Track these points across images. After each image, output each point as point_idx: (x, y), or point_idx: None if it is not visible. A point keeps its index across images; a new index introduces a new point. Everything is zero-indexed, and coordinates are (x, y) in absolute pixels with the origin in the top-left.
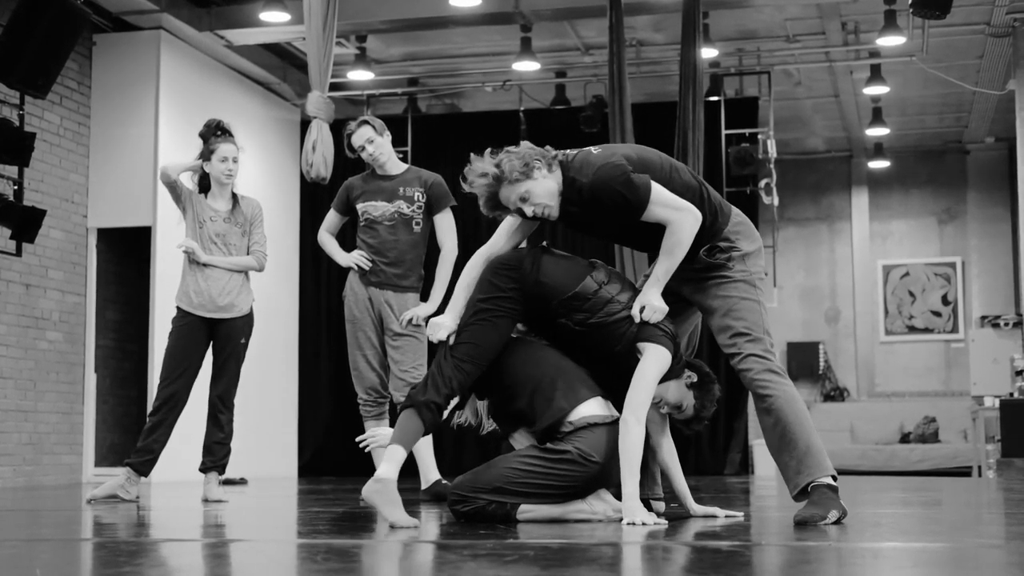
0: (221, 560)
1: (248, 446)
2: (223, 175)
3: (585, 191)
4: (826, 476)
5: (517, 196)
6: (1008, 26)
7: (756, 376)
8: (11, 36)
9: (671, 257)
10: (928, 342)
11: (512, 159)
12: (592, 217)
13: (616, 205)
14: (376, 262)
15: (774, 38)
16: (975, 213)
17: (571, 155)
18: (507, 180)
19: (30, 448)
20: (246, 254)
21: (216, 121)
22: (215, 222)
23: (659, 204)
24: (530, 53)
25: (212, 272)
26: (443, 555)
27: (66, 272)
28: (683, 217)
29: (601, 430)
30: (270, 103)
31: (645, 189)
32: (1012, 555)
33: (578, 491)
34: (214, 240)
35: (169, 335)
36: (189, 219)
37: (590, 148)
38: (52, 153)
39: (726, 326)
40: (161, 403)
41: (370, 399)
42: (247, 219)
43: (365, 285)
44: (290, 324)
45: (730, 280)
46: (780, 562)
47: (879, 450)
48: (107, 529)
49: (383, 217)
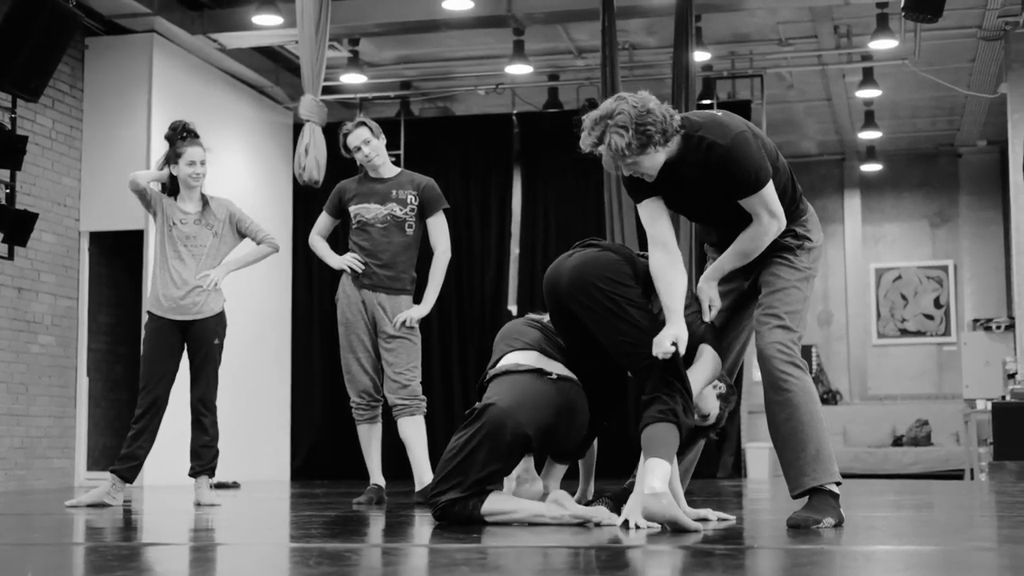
0: (213, 564)
1: (241, 449)
2: (190, 178)
3: (718, 153)
4: (831, 483)
5: (623, 165)
6: (1000, 29)
7: (779, 366)
8: (3, 39)
9: (743, 258)
10: (920, 345)
11: (630, 137)
12: (702, 184)
13: (733, 179)
14: (369, 264)
15: (766, 41)
16: (967, 216)
17: (691, 116)
18: (619, 155)
19: (22, 452)
20: (223, 255)
21: (181, 123)
22: (185, 224)
23: (764, 198)
24: (523, 56)
25: (181, 275)
26: (435, 559)
27: (58, 276)
28: (772, 224)
29: (511, 377)
30: (263, 106)
31: (765, 176)
32: (1004, 558)
33: (499, 451)
34: (184, 243)
35: (143, 341)
36: (159, 222)
37: (710, 111)
38: (44, 156)
39: (769, 305)
40: (144, 410)
41: (363, 402)
42: (220, 221)
43: (358, 288)
44: (283, 327)
45: (792, 266)
46: (773, 565)
47: (872, 453)
48: (99, 533)
49: (376, 220)
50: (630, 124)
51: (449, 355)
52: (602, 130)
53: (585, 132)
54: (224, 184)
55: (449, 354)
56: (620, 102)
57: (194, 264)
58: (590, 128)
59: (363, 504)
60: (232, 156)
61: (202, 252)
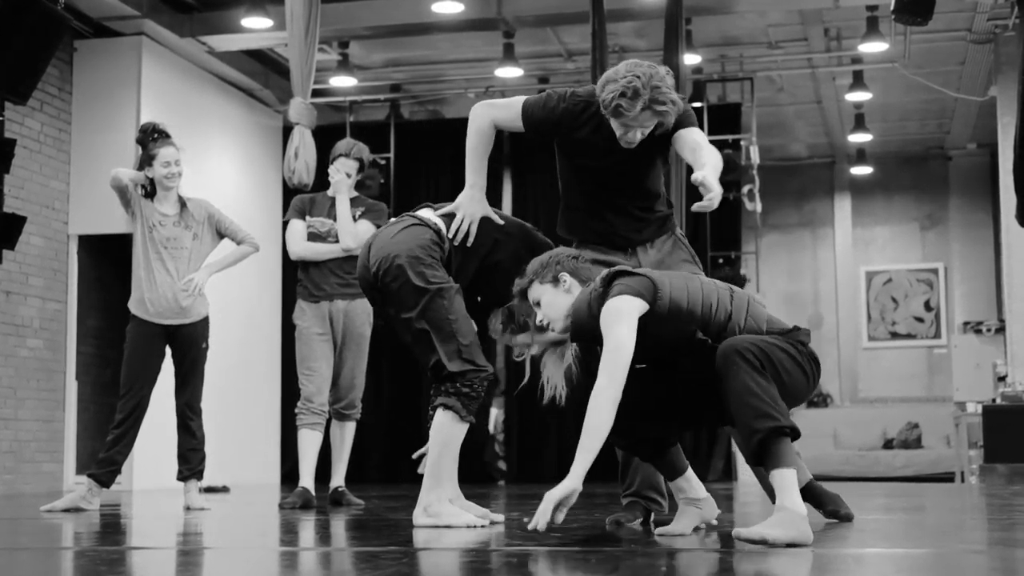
0: (201, 569)
1: (230, 454)
2: (166, 179)
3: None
4: None
5: (640, 125)
6: (989, 33)
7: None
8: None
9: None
10: (911, 348)
11: (667, 104)
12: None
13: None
14: (323, 276)
15: (757, 44)
16: (957, 219)
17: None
18: (648, 108)
19: (10, 456)
20: (204, 256)
21: (151, 125)
22: (164, 226)
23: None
24: (513, 59)
25: (164, 278)
26: (429, 561)
27: (47, 279)
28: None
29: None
30: (252, 109)
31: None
32: (994, 560)
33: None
34: (164, 245)
35: (126, 344)
36: (138, 225)
37: None
38: (33, 159)
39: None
40: (125, 415)
41: (314, 407)
42: (198, 222)
43: (315, 303)
44: (272, 331)
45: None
46: (763, 568)
47: (862, 456)
48: (87, 538)
49: (328, 233)
50: (674, 102)
51: None
52: (651, 91)
53: (633, 91)
54: (213, 187)
55: None
56: (650, 67)
57: (175, 268)
58: (641, 88)
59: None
60: (221, 159)
61: (183, 255)
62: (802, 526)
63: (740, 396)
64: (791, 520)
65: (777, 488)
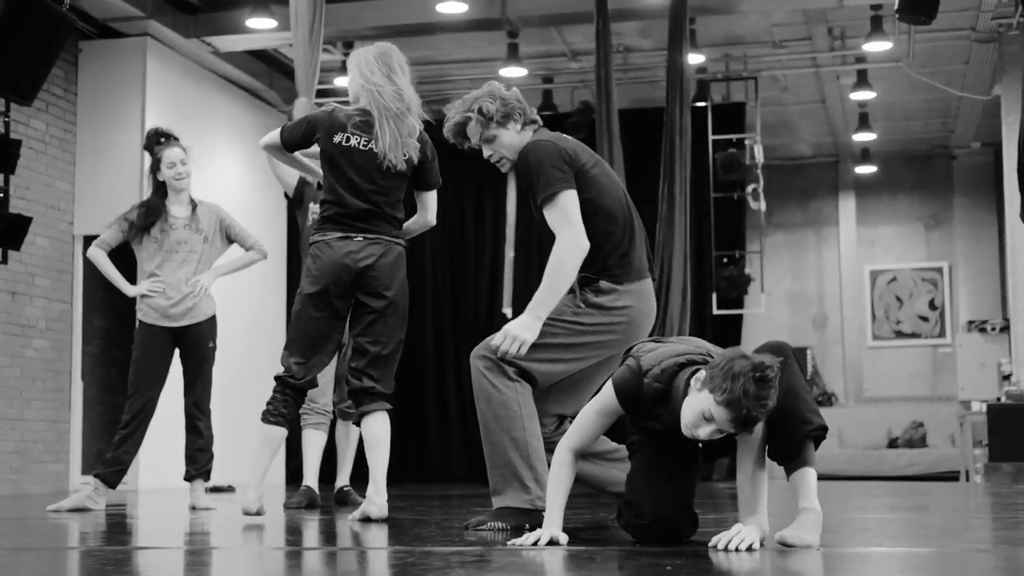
0: (208, 569)
1: (236, 453)
2: (174, 180)
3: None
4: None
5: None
6: (993, 31)
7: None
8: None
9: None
10: (915, 347)
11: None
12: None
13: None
14: None
15: (761, 44)
16: (962, 218)
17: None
18: (485, 119)
19: (16, 456)
20: (213, 260)
21: (155, 129)
22: (176, 229)
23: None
24: (517, 59)
25: (172, 281)
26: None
27: (52, 279)
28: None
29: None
30: (257, 109)
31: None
32: (999, 560)
33: None
34: (176, 248)
35: (134, 347)
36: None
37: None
38: (38, 160)
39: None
40: (132, 415)
41: (319, 407)
42: (210, 226)
43: None
44: (277, 330)
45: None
46: (767, 567)
47: (867, 455)
48: (94, 538)
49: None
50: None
51: (444, 359)
52: (471, 102)
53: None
54: (218, 187)
55: (444, 358)
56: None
57: (184, 270)
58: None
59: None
60: (226, 159)
61: (194, 258)
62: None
63: (795, 388)
64: (819, 520)
65: (806, 487)
